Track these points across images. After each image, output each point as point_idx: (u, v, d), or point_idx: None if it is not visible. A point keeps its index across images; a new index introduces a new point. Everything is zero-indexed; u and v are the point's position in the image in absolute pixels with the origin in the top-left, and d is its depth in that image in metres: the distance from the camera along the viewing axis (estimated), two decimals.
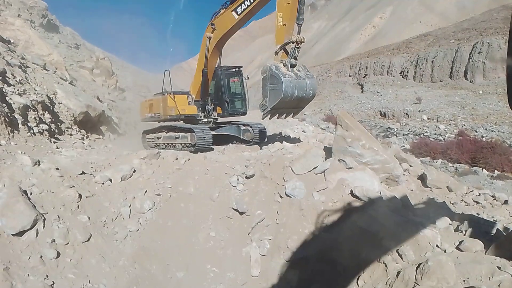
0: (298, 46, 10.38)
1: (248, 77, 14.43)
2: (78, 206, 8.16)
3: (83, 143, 14.70)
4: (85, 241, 7.57)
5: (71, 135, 15.29)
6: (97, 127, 18.22)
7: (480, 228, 6.66)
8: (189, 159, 10.82)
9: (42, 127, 13.28)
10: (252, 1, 11.27)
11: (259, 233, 8.11)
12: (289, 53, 10.35)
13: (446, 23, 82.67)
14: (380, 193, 7.81)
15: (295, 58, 10.44)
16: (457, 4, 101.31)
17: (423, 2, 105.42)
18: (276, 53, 10.66)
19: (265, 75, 10.32)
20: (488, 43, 49.55)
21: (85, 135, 16.38)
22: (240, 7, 11.56)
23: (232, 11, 11.81)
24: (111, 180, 9.43)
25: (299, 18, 10.31)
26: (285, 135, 15.81)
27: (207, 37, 12.68)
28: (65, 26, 39.63)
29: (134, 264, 7.79)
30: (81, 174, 9.31)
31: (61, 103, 16.12)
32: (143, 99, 18.33)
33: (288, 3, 10.22)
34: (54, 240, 7.19)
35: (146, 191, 9.36)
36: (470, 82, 50.58)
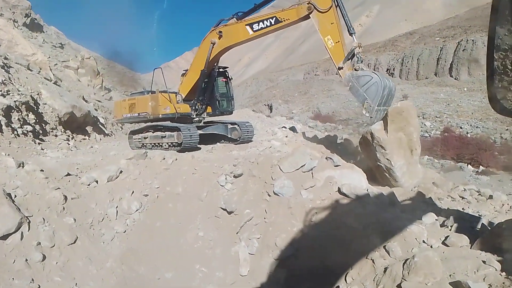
0: (360, 49, 10.49)
1: (232, 78, 14.55)
2: (64, 208, 8.04)
3: (69, 144, 14.51)
4: (72, 243, 7.46)
5: (56, 136, 15.07)
6: (83, 127, 18.00)
7: (466, 223, 6.75)
8: (176, 159, 10.74)
9: (27, 128, 13.07)
10: (272, 23, 11.30)
11: (248, 232, 8.10)
12: (358, 58, 10.35)
13: (431, 21, 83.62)
14: (368, 190, 7.86)
15: (362, 62, 10.47)
16: (442, 2, 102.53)
17: (409, 1, 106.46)
18: (340, 68, 10.55)
19: (350, 83, 10.21)
20: (473, 40, 50.32)
21: (71, 136, 16.16)
22: (257, 24, 11.54)
23: (246, 25, 11.76)
24: (97, 181, 9.31)
25: (351, 29, 10.62)
26: (273, 133, 15.82)
27: (211, 42, 12.56)
28: (50, 26, 39.12)
29: (121, 266, 7.71)
30: (66, 175, 9.17)
31: (45, 104, 15.87)
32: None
33: (332, 23, 10.45)
34: (40, 243, 7.07)
35: (133, 192, 9.27)
36: (455, 79, 51.35)
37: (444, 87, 50.75)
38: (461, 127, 37.77)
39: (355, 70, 10.26)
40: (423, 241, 6.04)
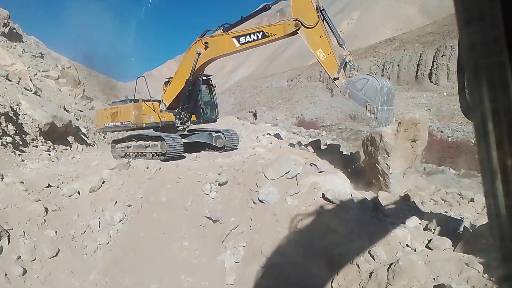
0: (351, 57, 10.72)
1: (215, 85, 14.58)
2: (45, 221, 7.88)
3: (50, 155, 14.24)
4: (53, 256, 7.32)
5: (36, 146, 14.79)
6: (64, 137, 17.70)
7: (448, 226, 6.85)
8: (160, 168, 10.64)
9: (6, 139, 12.80)
10: (259, 37, 11.35)
11: (234, 240, 8.05)
12: (351, 66, 10.56)
13: (411, 27, 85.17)
14: (351, 195, 7.91)
15: (355, 68, 10.67)
16: (420, 8, 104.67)
17: (388, 8, 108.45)
18: (336, 79, 10.60)
19: (348, 90, 10.31)
20: (451, 46, 51.30)
21: (52, 147, 15.88)
22: (244, 37, 11.56)
23: (233, 37, 11.77)
24: (79, 192, 9.16)
25: (341, 39, 10.81)
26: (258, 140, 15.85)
27: (197, 52, 12.49)
28: (29, 35, 38.51)
29: (105, 278, 7.57)
30: (47, 187, 9.00)
31: (25, 114, 15.57)
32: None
33: (322, 37, 10.53)
34: (20, 257, 6.92)
35: (116, 202, 9.13)
36: (435, 84, 52.20)
37: (425, 92, 51.54)
38: (442, 131, 38.38)
39: (349, 77, 10.42)
40: (407, 245, 6.11)
